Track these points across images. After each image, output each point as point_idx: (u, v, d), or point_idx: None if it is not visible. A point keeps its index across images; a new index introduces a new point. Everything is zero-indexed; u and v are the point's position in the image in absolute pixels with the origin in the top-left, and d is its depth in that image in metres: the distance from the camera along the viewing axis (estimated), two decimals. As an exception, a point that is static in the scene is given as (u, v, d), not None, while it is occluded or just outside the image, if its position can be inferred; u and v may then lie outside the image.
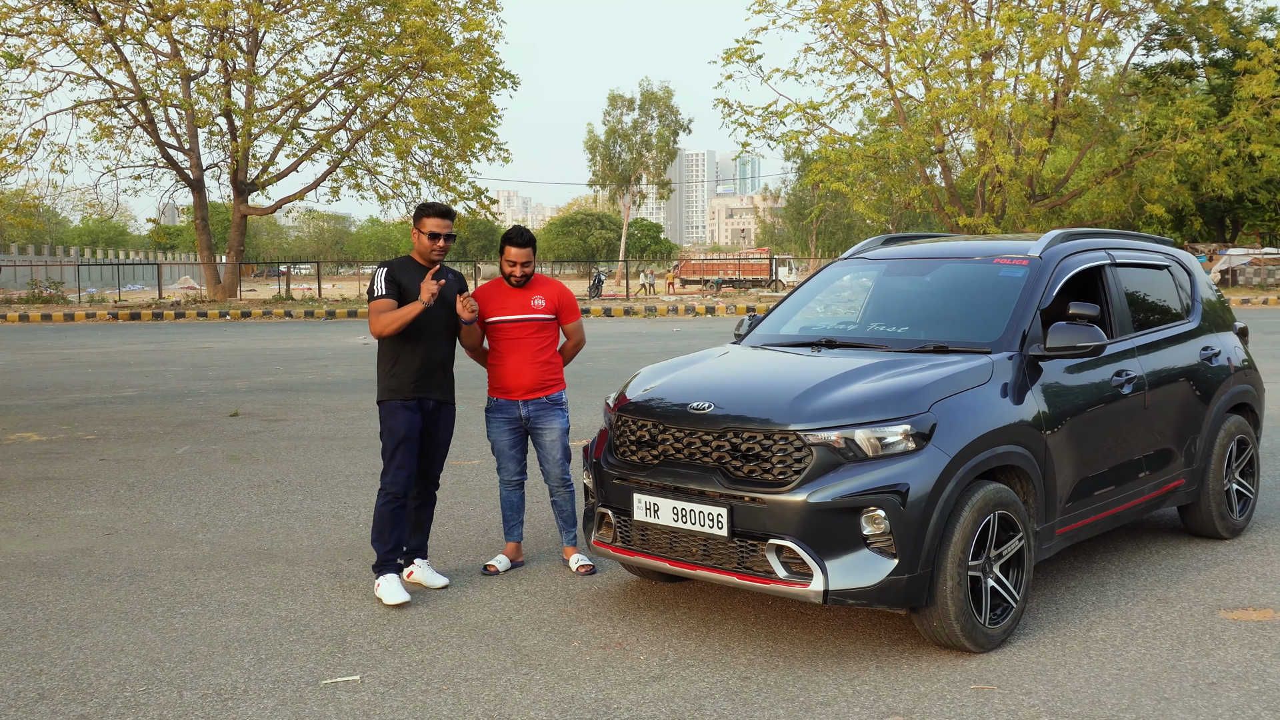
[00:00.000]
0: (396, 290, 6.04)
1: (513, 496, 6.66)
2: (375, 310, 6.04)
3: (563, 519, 6.69)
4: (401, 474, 6.04)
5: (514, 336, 6.46)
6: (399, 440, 6.04)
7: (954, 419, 5.10)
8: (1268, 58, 39.43)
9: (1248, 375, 7.33)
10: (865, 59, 42.33)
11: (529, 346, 6.46)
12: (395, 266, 6.16)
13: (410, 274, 6.11)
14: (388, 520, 6.05)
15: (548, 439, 6.54)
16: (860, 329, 6.43)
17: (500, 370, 6.49)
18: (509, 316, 6.46)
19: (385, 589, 5.96)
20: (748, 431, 5.07)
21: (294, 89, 41.71)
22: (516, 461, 6.60)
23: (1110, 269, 6.52)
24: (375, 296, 6.06)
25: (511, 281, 6.47)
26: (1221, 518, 6.92)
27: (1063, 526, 5.70)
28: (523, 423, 6.52)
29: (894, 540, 4.83)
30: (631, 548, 5.48)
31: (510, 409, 6.50)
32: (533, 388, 6.46)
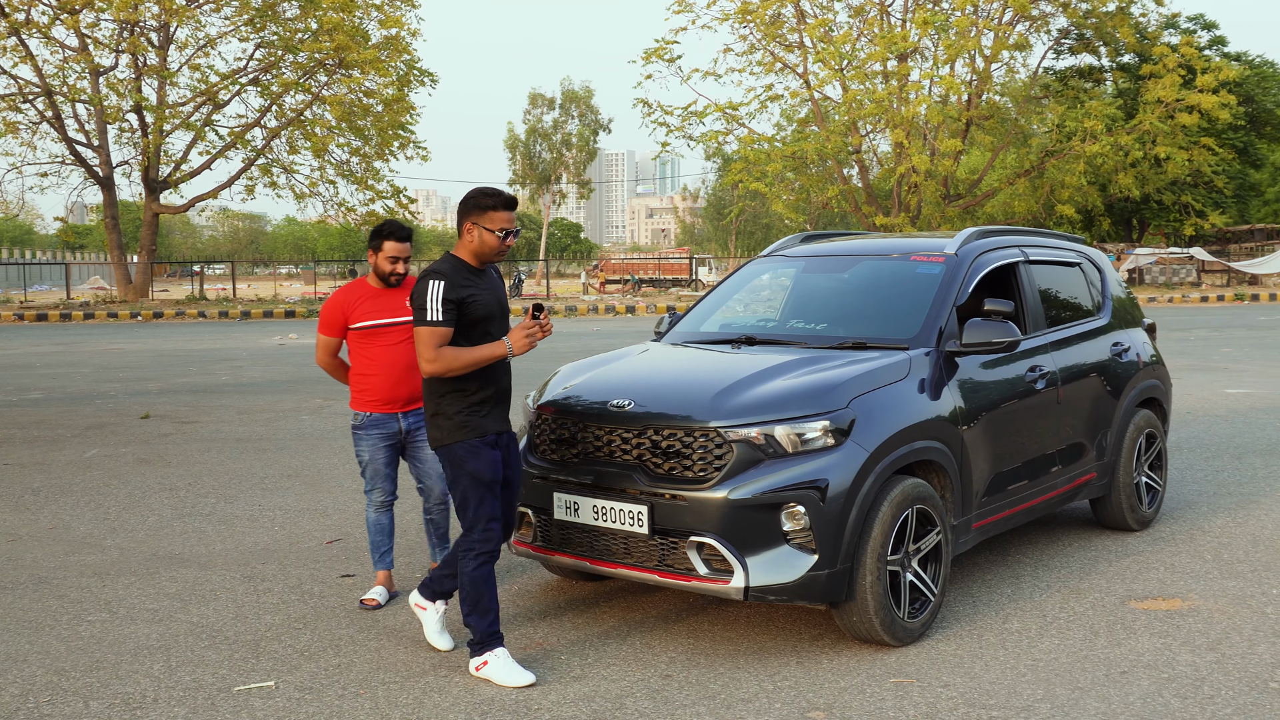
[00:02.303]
0: (455, 311, 4.78)
1: (383, 519, 6.02)
2: (428, 342, 4.74)
3: (438, 535, 6.13)
4: (495, 526, 4.89)
5: (392, 342, 5.84)
6: (486, 487, 4.88)
7: (872, 415, 5.13)
8: (1172, 62, 40.52)
9: (1156, 370, 7.49)
10: (783, 60, 42.70)
11: (407, 353, 5.80)
12: (451, 275, 4.82)
13: (470, 281, 4.86)
14: (483, 586, 4.86)
15: (427, 453, 5.89)
16: (779, 326, 6.46)
17: (376, 381, 5.82)
18: (384, 320, 5.84)
19: (499, 669, 4.83)
20: (668, 429, 5.05)
21: (207, 85, 40.92)
22: (392, 480, 5.99)
23: (1024, 266, 6.62)
24: (429, 322, 4.75)
25: (391, 280, 5.86)
26: (1131, 510, 7.06)
27: (979, 520, 5.77)
28: (401, 437, 5.91)
29: (814, 536, 4.84)
30: (552, 547, 5.43)
31: (389, 423, 5.86)
32: (414, 397, 5.86)
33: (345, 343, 5.98)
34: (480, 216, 4.84)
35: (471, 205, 4.87)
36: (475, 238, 4.86)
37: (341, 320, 5.87)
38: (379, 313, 5.83)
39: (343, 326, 5.88)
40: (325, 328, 5.95)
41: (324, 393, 14.84)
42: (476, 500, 4.86)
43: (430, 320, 4.74)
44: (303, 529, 7.55)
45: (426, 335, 4.74)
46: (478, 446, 4.85)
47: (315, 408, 13.49)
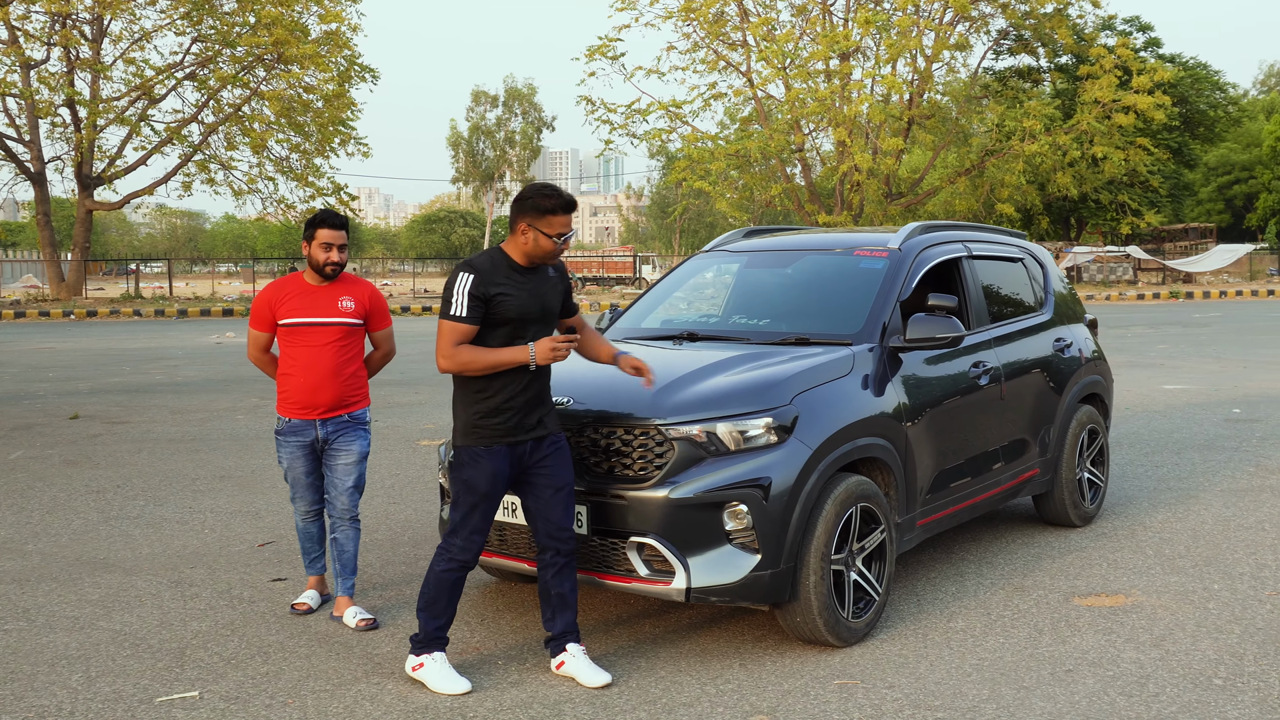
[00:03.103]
0: (482, 309, 4.53)
1: (311, 528, 5.71)
2: (447, 338, 4.54)
3: (342, 562, 5.57)
4: (478, 540, 4.69)
5: (316, 344, 5.43)
6: (481, 497, 4.64)
7: (816, 411, 5.05)
8: (1109, 64, 41.06)
9: (1098, 366, 7.49)
10: (727, 58, 42.72)
11: (333, 356, 5.44)
12: (484, 270, 4.56)
13: (508, 279, 4.59)
14: (446, 591, 4.69)
15: (341, 462, 5.51)
16: (722, 322, 6.36)
17: (296, 384, 5.44)
18: (312, 319, 5.43)
19: (434, 673, 4.66)
20: (608, 427, 4.93)
21: (143, 79, 40.15)
22: (315, 489, 5.61)
23: (967, 261, 6.57)
24: (451, 316, 4.54)
25: (326, 272, 5.43)
26: (1074, 506, 7.05)
27: (923, 518, 5.70)
28: (318, 446, 5.53)
29: (757, 535, 4.74)
30: (489, 549, 5.27)
31: (305, 430, 5.48)
32: (333, 405, 5.46)
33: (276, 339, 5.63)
34: (537, 219, 4.56)
35: (529, 206, 4.57)
36: (530, 240, 4.59)
37: (269, 315, 5.51)
38: (306, 310, 5.45)
39: (271, 321, 5.52)
40: (255, 321, 5.60)
41: (260, 392, 14.55)
42: (466, 508, 4.66)
43: (453, 315, 4.52)
44: (234, 531, 7.34)
45: (447, 330, 4.54)
46: (480, 455, 4.62)
47: (251, 407, 13.22)
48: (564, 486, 4.72)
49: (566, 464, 4.74)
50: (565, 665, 4.76)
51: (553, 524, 4.71)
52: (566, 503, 4.73)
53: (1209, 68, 58.49)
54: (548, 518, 4.72)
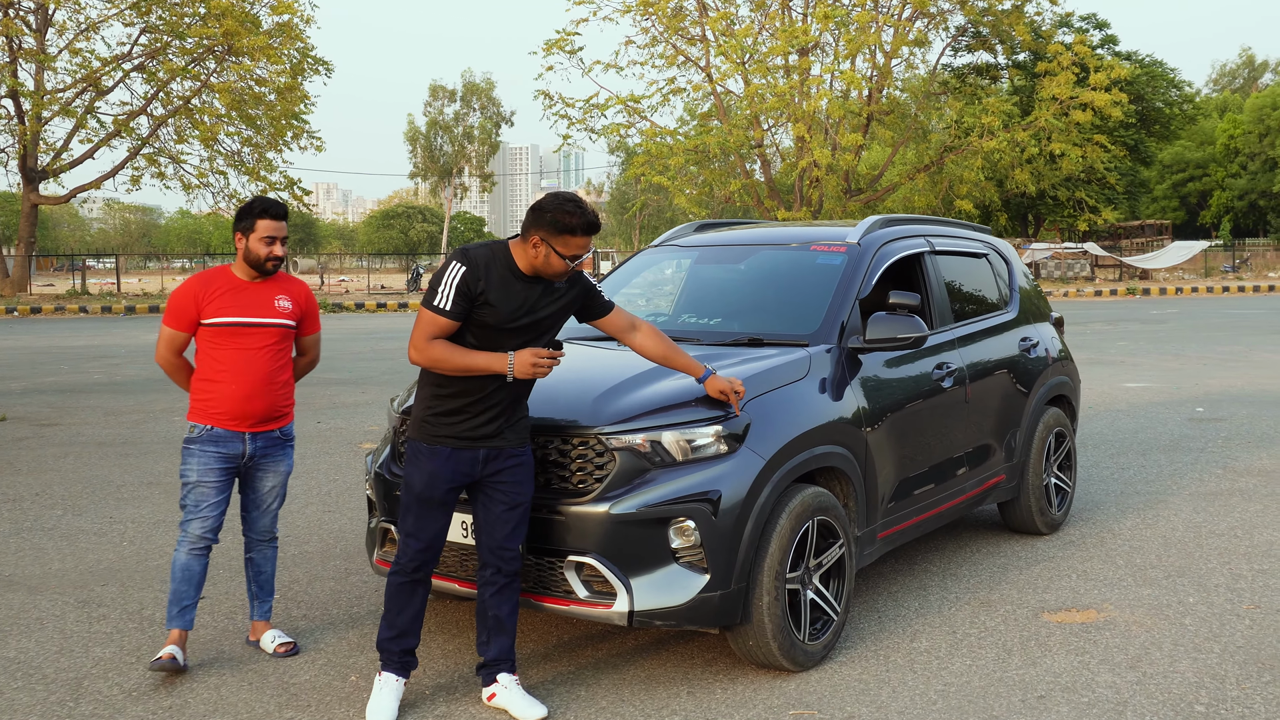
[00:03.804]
0: (466, 305, 4.16)
1: (194, 565, 4.86)
2: (423, 329, 4.19)
3: (260, 583, 5.12)
4: (411, 545, 4.31)
5: (251, 347, 4.86)
6: (415, 499, 4.30)
7: (770, 418, 4.68)
8: (1066, 60, 41.06)
9: (1065, 366, 7.18)
10: (685, 53, 42.37)
11: (268, 362, 4.89)
12: (478, 265, 4.17)
13: (503, 282, 4.20)
14: (392, 598, 4.36)
15: (268, 484, 5.03)
16: (670, 320, 5.97)
17: (225, 392, 4.83)
18: (246, 319, 4.87)
19: (374, 694, 4.36)
20: (544, 436, 4.53)
21: (89, 71, 39.23)
22: (218, 513, 4.90)
23: (930, 257, 6.23)
24: (433, 306, 4.17)
25: (267, 268, 4.89)
26: (1041, 513, 6.73)
27: (885, 530, 5.36)
28: (243, 462, 4.93)
29: (705, 553, 4.37)
30: (417, 567, 4.86)
31: (232, 443, 4.86)
32: (265, 416, 4.91)
33: (194, 340, 4.97)
34: (553, 236, 4.14)
35: (547, 220, 4.14)
36: (540, 255, 4.18)
37: (193, 313, 4.87)
38: (240, 309, 4.86)
39: (194, 320, 4.88)
40: (174, 319, 4.91)
41: (200, 392, 14.02)
42: (403, 507, 4.36)
43: (435, 305, 4.15)
44: (154, 544, 6.88)
45: (426, 320, 4.18)
46: (420, 452, 4.29)
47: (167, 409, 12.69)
48: (518, 505, 4.33)
49: (526, 481, 4.34)
50: (497, 697, 4.37)
51: (497, 540, 4.32)
52: (518, 521, 4.34)
53: (1165, 66, 58.84)
54: (493, 533, 4.33)
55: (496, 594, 4.37)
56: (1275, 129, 72.24)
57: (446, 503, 4.32)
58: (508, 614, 4.38)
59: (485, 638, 4.42)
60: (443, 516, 4.34)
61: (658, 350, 4.58)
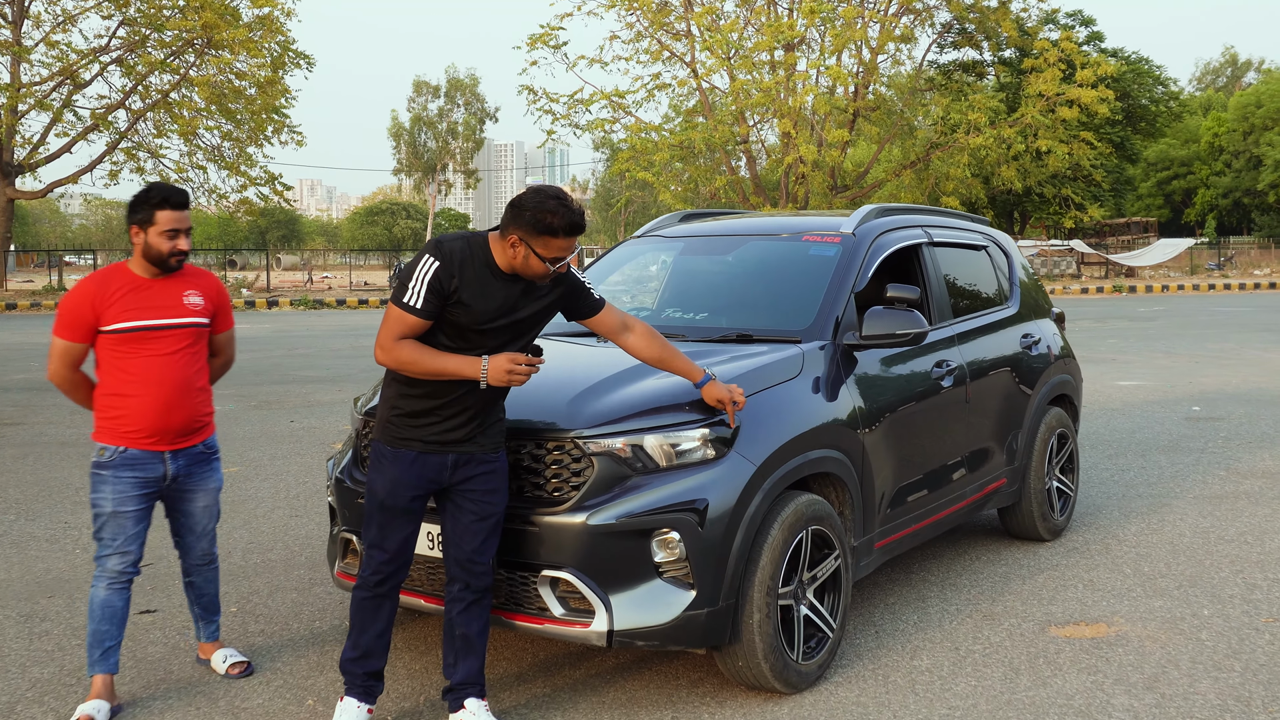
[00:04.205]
0: (438, 303, 3.79)
1: (116, 600, 4.33)
2: (391, 327, 3.81)
3: (203, 605, 4.69)
4: (375, 555, 3.97)
5: (162, 352, 4.27)
6: (378, 507, 3.96)
7: (760, 420, 4.34)
8: (1053, 57, 40.84)
9: (1067, 364, 6.86)
10: (670, 48, 42.01)
11: (183, 367, 4.32)
12: (453, 259, 3.81)
13: (478, 279, 3.83)
14: (355, 613, 4.02)
15: (200, 504, 4.52)
16: (654, 316, 5.61)
17: (137, 405, 4.25)
18: (154, 321, 4.27)
19: None
20: (516, 440, 4.18)
21: (65, 63, 38.63)
22: (140, 545, 4.38)
23: (928, 248, 5.89)
24: (402, 304, 3.79)
25: (170, 264, 4.28)
26: (1043, 518, 6.41)
27: (882, 539, 5.02)
28: (165, 484, 4.39)
29: (691, 568, 4.02)
30: (380, 580, 4.50)
31: (150, 465, 4.30)
32: (186, 430, 4.35)
33: (94, 351, 4.34)
34: (533, 236, 3.77)
35: (526, 220, 3.77)
36: (519, 256, 3.81)
37: (90, 319, 4.24)
38: (145, 310, 4.26)
39: (91, 328, 4.25)
40: (66, 328, 4.26)
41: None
42: (366, 516, 4.02)
43: (405, 302, 3.78)
44: (108, 552, 6.49)
45: (394, 318, 3.81)
46: (383, 456, 3.96)
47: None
48: (490, 515, 3.98)
49: (499, 490, 3.99)
50: None
51: (466, 553, 3.97)
52: (489, 533, 3.99)
53: (1151, 63, 58.70)
54: (462, 545, 3.97)
55: (465, 611, 4.01)
56: (1259, 127, 72.21)
57: (412, 511, 3.97)
58: (477, 633, 4.03)
59: (452, 659, 4.06)
60: (408, 526, 3.99)
61: (652, 352, 4.22)
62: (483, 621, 4.04)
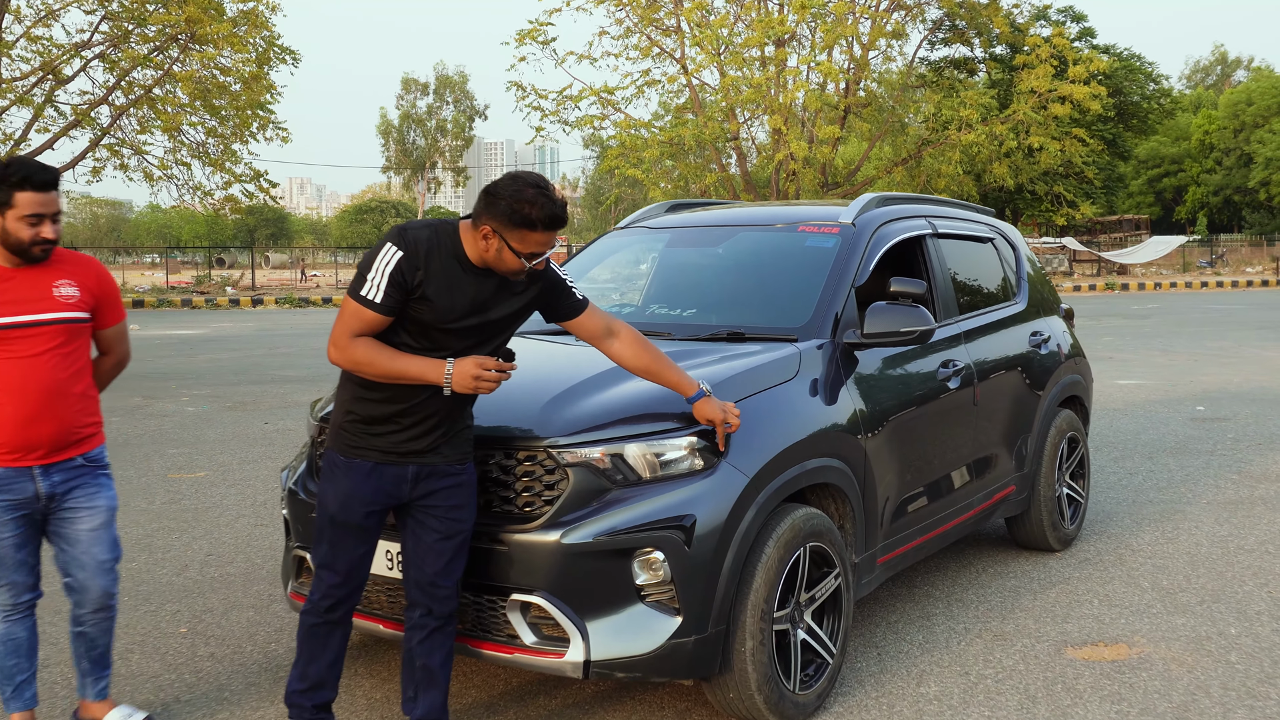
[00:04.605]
0: (400, 298, 3.39)
1: (20, 630, 3.81)
2: (346, 322, 3.41)
3: (93, 659, 3.97)
4: (326, 577, 3.58)
5: (26, 354, 3.64)
6: (329, 522, 3.57)
7: (754, 426, 3.94)
8: (1045, 53, 40.53)
9: (1077, 364, 6.47)
10: (660, 44, 41.61)
11: (52, 369, 3.69)
12: (418, 247, 3.40)
13: (446, 269, 3.43)
14: (303, 640, 3.64)
15: (84, 527, 3.82)
16: (638, 312, 5.21)
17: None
18: (17, 318, 3.65)
19: None
20: (484, 449, 3.77)
21: (45, 59, 38.12)
22: (29, 571, 3.79)
23: (932, 240, 5.50)
24: (360, 297, 3.39)
25: (34, 253, 3.68)
26: (1053, 527, 6.03)
27: (886, 554, 4.63)
28: (40, 505, 3.75)
29: (677, 591, 3.62)
30: (336, 603, 4.09)
31: (17, 484, 3.69)
32: (59, 441, 3.73)
33: None
34: (508, 229, 3.37)
35: (501, 210, 3.35)
36: (491, 250, 3.41)
37: None
38: (5, 305, 3.65)
39: None
40: None
41: (148, 390, 13.23)
42: (316, 533, 3.63)
43: (362, 296, 3.37)
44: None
45: (350, 313, 3.41)
46: (336, 466, 3.56)
47: (132, 407, 11.90)
48: (455, 534, 3.57)
49: (465, 506, 3.59)
50: None
51: (427, 575, 3.57)
52: (454, 554, 3.58)
53: (1143, 59, 58.46)
54: (423, 567, 3.57)
55: (426, 640, 3.61)
56: (1250, 125, 72.06)
57: (367, 528, 3.57)
58: (439, 664, 3.63)
59: (412, 693, 3.67)
60: (362, 544, 3.59)
61: (640, 362, 3.79)
62: (445, 651, 3.64)
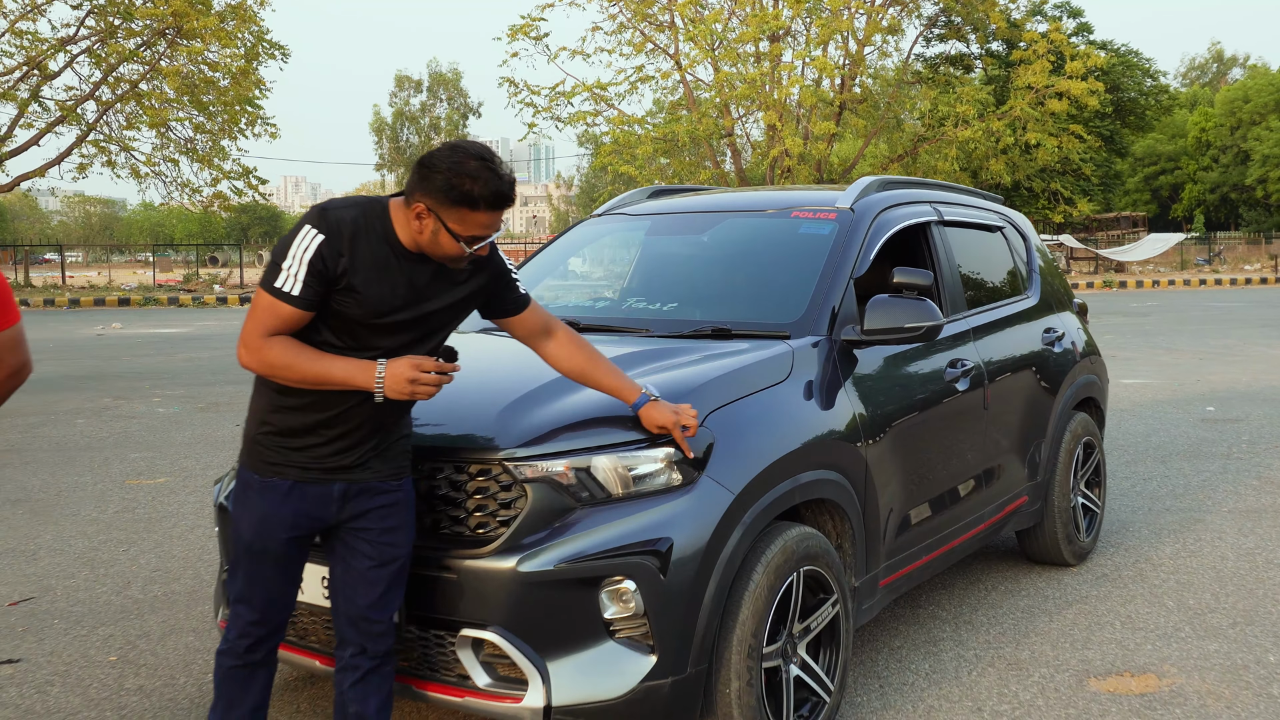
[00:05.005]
0: (322, 289, 2.87)
1: None
2: (258, 319, 2.89)
3: None
4: (241, 612, 3.11)
5: None
6: (245, 550, 3.07)
7: (740, 435, 3.47)
8: (1042, 48, 40.13)
9: (1093, 363, 6.01)
10: (654, 40, 41.15)
11: None
12: (342, 229, 2.88)
13: (375, 255, 2.91)
14: (219, 683, 3.16)
15: None
16: (614, 306, 4.75)
17: None
18: None
19: None
20: (430, 461, 3.30)
21: (28, 54, 37.53)
22: None
23: (937, 228, 5.02)
24: (273, 288, 2.86)
25: None
26: (1068, 540, 5.57)
27: (888, 575, 4.16)
28: None
29: (651, 626, 3.15)
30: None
31: None
32: None
33: None
34: (445, 208, 2.85)
35: (438, 186, 2.83)
36: (426, 231, 2.89)
37: None
38: None
39: None
40: None
41: (120, 390, 12.75)
42: (233, 562, 3.13)
43: (277, 287, 2.85)
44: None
45: (263, 308, 2.88)
46: (250, 486, 3.05)
47: (100, 408, 11.42)
48: (390, 561, 3.08)
49: (403, 528, 3.10)
50: None
51: (359, 608, 3.08)
52: (390, 583, 3.10)
53: (1140, 55, 58.07)
54: (354, 599, 3.09)
55: (360, 683, 3.13)
56: (1247, 122, 71.74)
57: (288, 557, 3.08)
58: (375, 711, 3.14)
59: None
60: (282, 576, 3.10)
61: (573, 363, 3.32)
62: (382, 696, 3.15)
